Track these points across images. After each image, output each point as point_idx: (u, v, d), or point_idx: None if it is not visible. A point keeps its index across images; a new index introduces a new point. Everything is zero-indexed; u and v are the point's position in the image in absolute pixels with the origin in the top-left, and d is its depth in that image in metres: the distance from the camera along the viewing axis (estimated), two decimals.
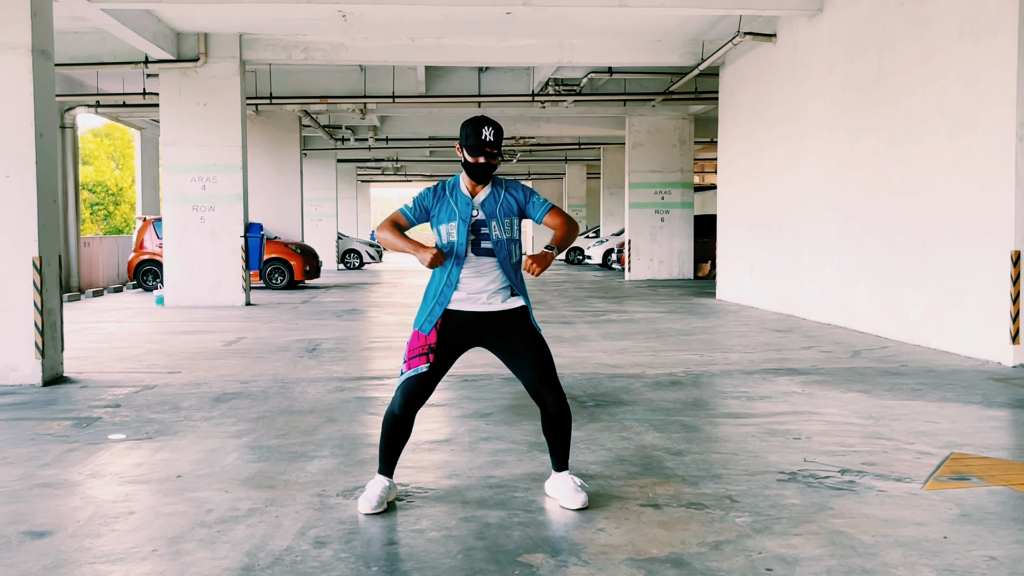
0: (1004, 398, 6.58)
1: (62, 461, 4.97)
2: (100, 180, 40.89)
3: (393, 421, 4.05)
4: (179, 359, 8.90)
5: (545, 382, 4.03)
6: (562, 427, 4.11)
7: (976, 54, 8.38)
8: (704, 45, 15.46)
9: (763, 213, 14.03)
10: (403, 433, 4.07)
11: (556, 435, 4.13)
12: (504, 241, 4.00)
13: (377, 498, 4.00)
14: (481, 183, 4.04)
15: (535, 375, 4.02)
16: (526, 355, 4.02)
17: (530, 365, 4.01)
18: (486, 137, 3.91)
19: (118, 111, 20.11)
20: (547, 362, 4.05)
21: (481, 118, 3.99)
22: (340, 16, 13.26)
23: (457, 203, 4.01)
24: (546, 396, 4.04)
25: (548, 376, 4.04)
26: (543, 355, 4.05)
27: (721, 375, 7.72)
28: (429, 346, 3.95)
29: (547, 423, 4.12)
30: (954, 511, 3.96)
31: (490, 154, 3.93)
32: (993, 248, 8.14)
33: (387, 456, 4.10)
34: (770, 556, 3.44)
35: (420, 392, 4.00)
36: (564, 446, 4.15)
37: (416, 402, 4.02)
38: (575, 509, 4.00)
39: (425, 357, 3.95)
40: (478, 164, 3.96)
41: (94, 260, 20.45)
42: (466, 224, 3.97)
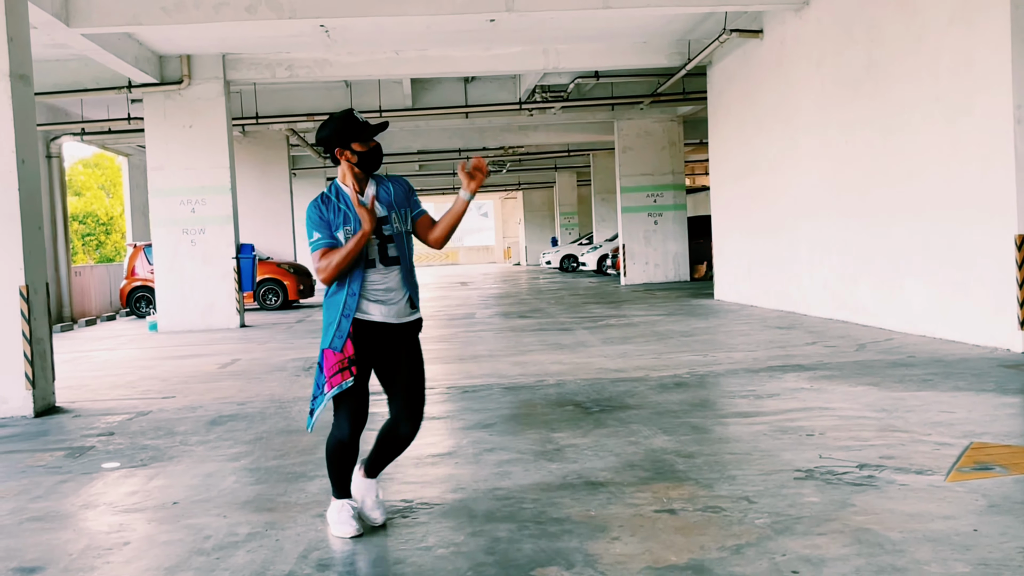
0: (1017, 385, 6.45)
1: (54, 493, 4.80)
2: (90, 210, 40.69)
3: (341, 448, 3.80)
4: (174, 384, 8.73)
5: (417, 398, 3.86)
6: (401, 449, 3.96)
7: (969, 38, 8.28)
8: (691, 45, 15.38)
9: (759, 211, 13.92)
10: (354, 457, 3.85)
11: (393, 453, 3.96)
12: (404, 234, 3.82)
13: (355, 520, 3.81)
14: (370, 174, 3.85)
15: (411, 391, 3.85)
16: (410, 368, 3.84)
17: (410, 379, 3.84)
18: (363, 120, 3.76)
19: (104, 138, 19.96)
20: (419, 388, 3.88)
21: (341, 112, 3.80)
22: (323, 32, 13.15)
23: (350, 207, 3.76)
24: (406, 419, 3.86)
25: (419, 400, 3.87)
26: (422, 377, 3.89)
27: (726, 374, 7.58)
28: (348, 359, 3.69)
29: (392, 440, 3.90)
30: (981, 502, 3.81)
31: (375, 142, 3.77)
32: (996, 233, 8.02)
33: (342, 480, 3.87)
34: (794, 558, 3.29)
35: (361, 410, 3.78)
36: (391, 460, 4.01)
37: (362, 422, 3.81)
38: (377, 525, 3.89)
39: (348, 371, 3.69)
40: (369, 151, 3.76)
41: (86, 289, 20.26)
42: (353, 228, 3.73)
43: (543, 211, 45.18)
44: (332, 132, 3.75)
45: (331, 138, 3.76)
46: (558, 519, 3.91)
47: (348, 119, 3.76)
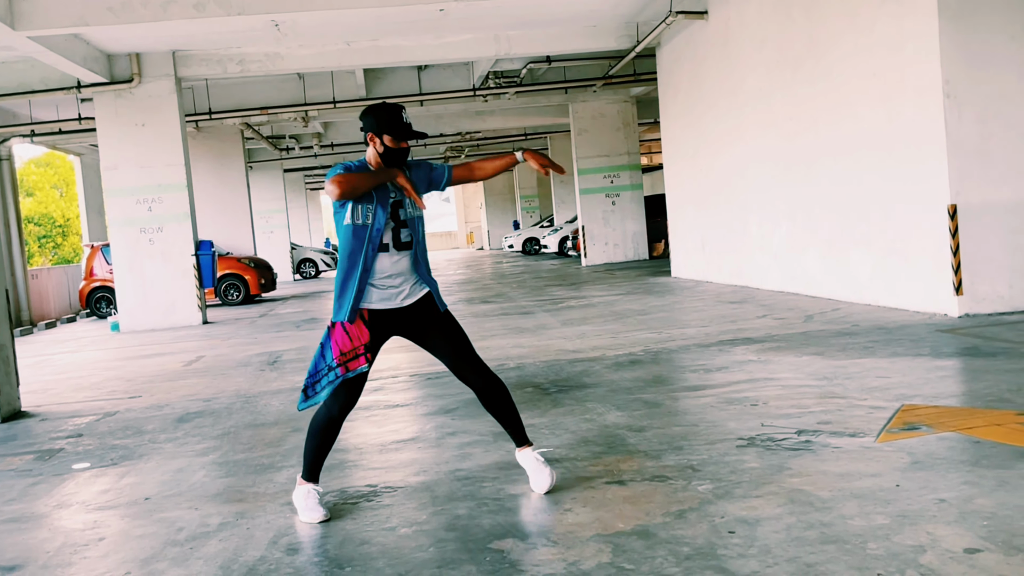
0: (951, 348, 6.79)
1: (27, 495, 4.93)
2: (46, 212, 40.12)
3: (329, 424, 3.97)
4: (139, 383, 8.82)
5: (466, 359, 4.06)
6: (498, 400, 4.10)
7: (900, 15, 8.59)
8: (639, 27, 15.61)
9: (710, 188, 14.23)
10: (335, 435, 4.05)
11: (496, 410, 4.13)
12: (417, 219, 4.03)
13: (321, 505, 4.01)
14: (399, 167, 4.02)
15: (456, 355, 4.06)
16: (445, 337, 4.06)
17: (451, 346, 4.06)
18: (407, 121, 3.95)
19: (55, 138, 19.77)
20: (465, 339, 4.10)
21: (392, 104, 3.99)
22: (273, 26, 13.17)
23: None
24: (470, 374, 4.08)
25: (469, 353, 4.08)
26: (461, 332, 4.10)
27: (679, 350, 7.85)
28: (365, 345, 3.90)
29: (482, 400, 4.14)
30: (906, 460, 4.10)
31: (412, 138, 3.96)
32: (931, 204, 8.36)
33: (317, 461, 4.04)
34: (732, 519, 3.54)
35: (357, 392, 3.98)
36: (512, 418, 4.13)
37: (354, 402, 4.00)
38: (542, 493, 4.07)
39: (364, 357, 3.90)
40: (402, 149, 3.94)
41: (44, 292, 20.09)
42: (386, 208, 3.90)
43: (504, 195, 45.34)
44: (375, 118, 3.91)
45: (372, 123, 3.91)
46: (515, 495, 4.13)
47: (393, 114, 3.91)
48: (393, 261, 3.94)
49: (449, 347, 4.06)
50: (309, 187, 43.08)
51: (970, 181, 8.07)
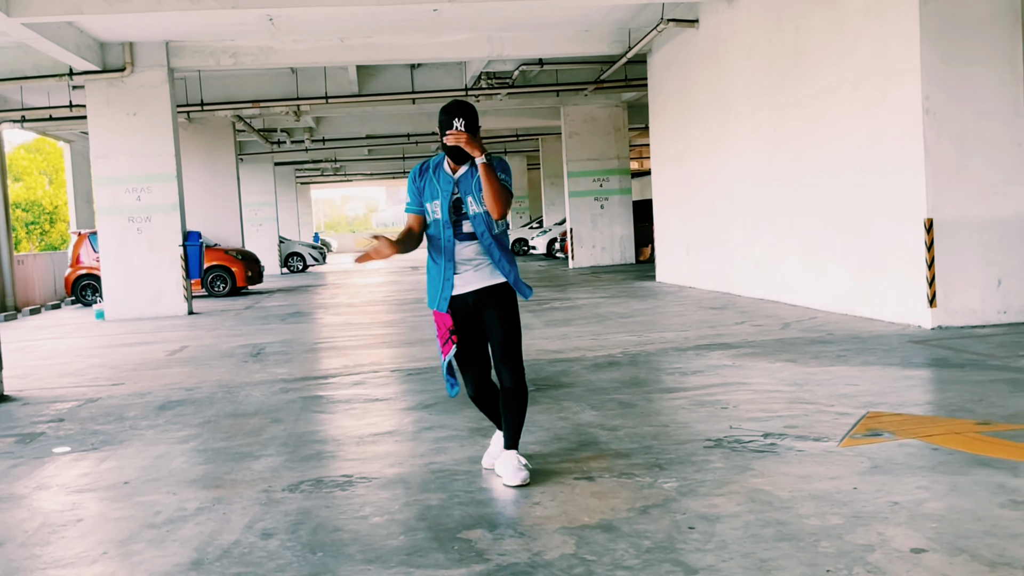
0: (921, 358, 6.95)
1: (6, 476, 5.01)
2: (34, 199, 39.93)
3: (476, 402, 4.46)
4: (122, 371, 8.89)
5: (507, 356, 4.26)
6: (515, 404, 4.31)
7: (883, 30, 8.75)
8: (631, 33, 15.75)
9: (696, 195, 14.38)
10: (491, 400, 4.41)
11: (508, 411, 4.31)
12: (482, 215, 4.21)
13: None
14: (459, 162, 4.25)
15: (500, 348, 4.27)
16: (495, 330, 4.27)
17: (496, 340, 4.27)
18: (457, 126, 4.12)
19: (45, 124, 19.76)
20: (511, 340, 4.28)
21: (452, 105, 4.21)
22: (268, 20, 13.24)
23: (440, 181, 4.25)
24: (504, 370, 4.27)
25: (509, 353, 4.26)
26: (513, 331, 4.28)
27: (657, 353, 7.98)
28: (450, 330, 4.27)
29: (502, 398, 4.34)
30: (865, 464, 4.23)
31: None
32: (908, 217, 8.52)
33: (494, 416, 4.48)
34: (693, 516, 3.67)
35: (473, 368, 4.32)
36: (515, 424, 4.33)
37: (479, 377, 4.34)
38: (513, 486, 4.19)
39: (450, 341, 4.29)
40: (448, 146, 4.18)
41: (29, 278, 20.07)
42: (447, 201, 4.21)
43: None
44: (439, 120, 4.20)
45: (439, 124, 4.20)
46: (486, 488, 4.24)
47: (443, 116, 4.16)
48: (463, 247, 4.23)
49: (497, 339, 4.27)
50: (300, 181, 43.06)
51: (946, 196, 8.24)
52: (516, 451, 4.36)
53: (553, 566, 3.23)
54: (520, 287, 4.34)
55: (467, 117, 4.14)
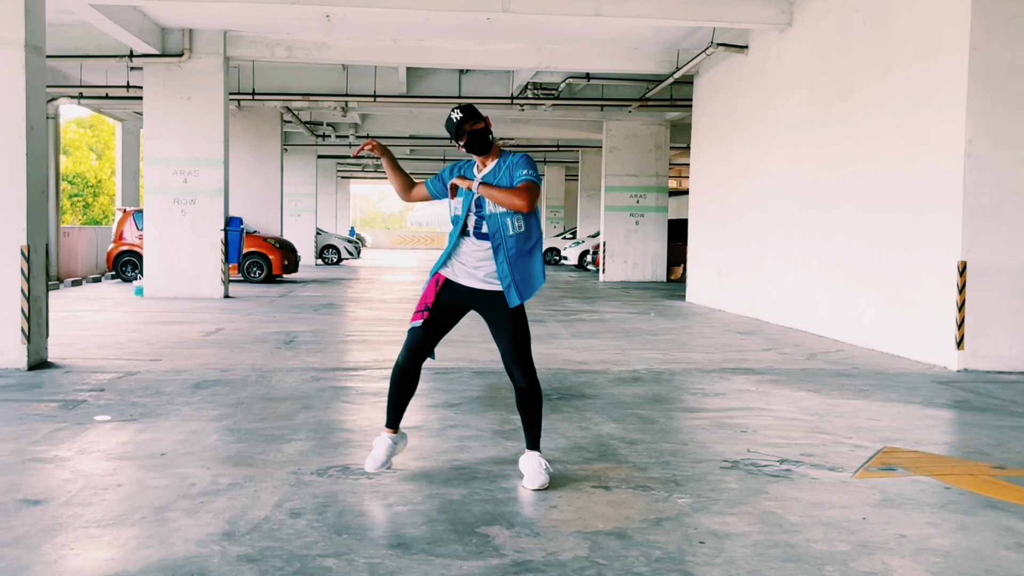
0: (944, 399, 7.01)
1: (51, 439, 5.25)
2: (79, 172, 40.75)
3: (399, 372, 4.50)
4: (160, 348, 9.16)
5: (517, 358, 4.42)
6: (530, 403, 4.47)
7: (931, 73, 8.81)
8: (679, 54, 15.88)
9: (732, 219, 14.46)
10: (408, 385, 4.52)
11: (524, 410, 4.49)
12: (498, 215, 4.35)
13: (383, 457, 4.51)
14: (483, 155, 4.45)
15: (509, 350, 4.43)
16: (506, 331, 4.43)
17: (508, 341, 4.43)
18: (455, 118, 4.39)
19: (100, 103, 20.26)
20: (522, 340, 4.44)
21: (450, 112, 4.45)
22: (324, 18, 13.55)
23: (465, 176, 4.46)
24: (515, 371, 4.44)
25: (521, 353, 4.43)
26: (520, 333, 4.43)
27: (681, 373, 8.09)
28: (427, 305, 4.43)
29: (517, 397, 4.51)
30: (877, 496, 4.34)
31: (470, 130, 4.37)
32: (942, 258, 8.57)
33: (393, 409, 4.55)
34: (705, 531, 3.80)
35: (420, 347, 4.46)
36: (533, 424, 4.49)
37: (418, 355, 4.47)
38: (532, 489, 4.35)
39: (422, 314, 4.44)
40: (468, 143, 4.41)
41: (73, 250, 20.57)
42: (469, 199, 4.41)
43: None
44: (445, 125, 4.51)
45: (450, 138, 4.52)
46: (506, 488, 4.40)
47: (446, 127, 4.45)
48: (474, 246, 4.40)
49: (508, 340, 4.43)
50: (340, 175, 43.56)
51: (982, 240, 8.28)
52: (539, 452, 4.52)
53: (566, 566, 3.38)
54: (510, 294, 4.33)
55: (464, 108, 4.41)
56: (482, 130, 4.40)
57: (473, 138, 4.39)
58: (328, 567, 3.35)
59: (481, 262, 4.40)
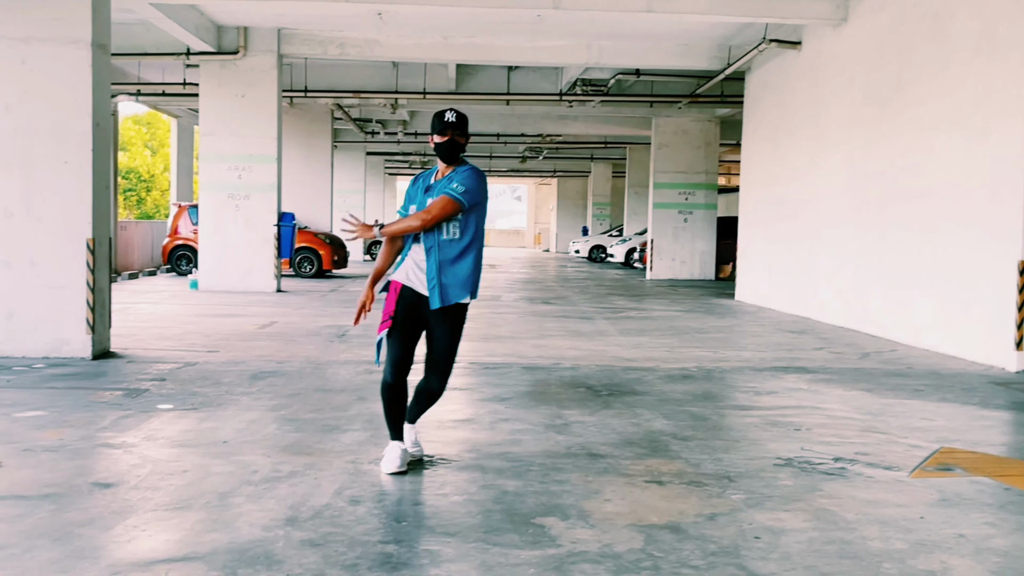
0: (1002, 400, 6.89)
1: (118, 426, 5.42)
2: (132, 167, 41.65)
3: (388, 390, 4.48)
4: (216, 339, 9.37)
5: (438, 365, 4.54)
6: (430, 401, 4.66)
7: (990, 69, 8.65)
8: (731, 50, 15.76)
9: (783, 217, 14.33)
10: (402, 400, 4.53)
11: (423, 403, 4.67)
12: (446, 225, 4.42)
13: (399, 459, 4.52)
14: (449, 163, 4.51)
15: (433, 354, 4.54)
16: (438, 336, 4.50)
17: (434, 348, 4.53)
18: (448, 119, 4.43)
19: (157, 99, 20.68)
20: (448, 352, 4.53)
21: (446, 108, 4.51)
22: (376, 15, 13.70)
23: (422, 184, 4.54)
24: (432, 377, 4.57)
25: (444, 360, 4.53)
26: (449, 340, 4.51)
27: (732, 371, 8.07)
28: (390, 315, 4.46)
29: (421, 392, 4.63)
30: (934, 496, 4.31)
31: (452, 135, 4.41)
32: (1000, 257, 8.42)
33: (394, 422, 4.56)
34: (759, 527, 3.81)
35: (401, 358, 4.45)
36: (420, 408, 4.70)
37: (401, 368, 4.47)
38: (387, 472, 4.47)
39: (386, 323, 4.47)
40: (442, 143, 4.44)
41: (130, 244, 21.06)
42: (421, 205, 4.46)
43: (576, 200, 45.56)
44: (431, 123, 4.52)
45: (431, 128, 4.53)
46: (559, 481, 4.45)
47: (435, 116, 4.49)
48: (419, 252, 4.47)
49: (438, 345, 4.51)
50: (388, 172, 43.91)
51: None
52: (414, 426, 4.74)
53: (622, 558, 3.42)
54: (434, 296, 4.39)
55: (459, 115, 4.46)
56: (460, 145, 4.48)
57: (450, 147, 4.45)
58: (389, 553, 3.43)
59: (420, 263, 4.47)
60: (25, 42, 7.72)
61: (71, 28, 7.71)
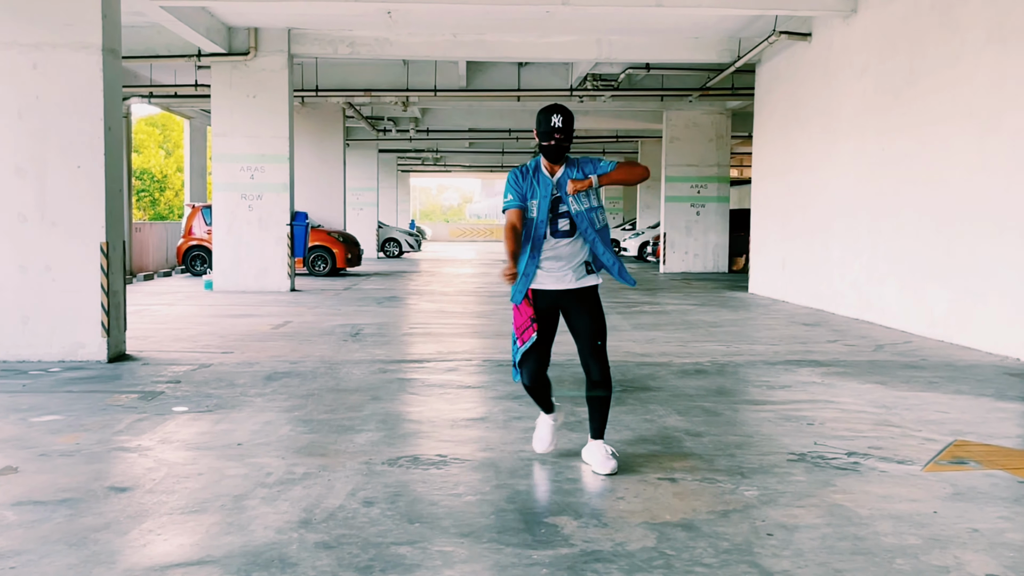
0: (1017, 392, 6.85)
1: (133, 429, 5.47)
2: (146, 167, 41.88)
3: (530, 392, 4.70)
4: (231, 340, 9.43)
5: (595, 353, 4.55)
6: (602, 396, 4.60)
7: (1004, 58, 8.59)
8: (741, 43, 15.68)
9: (795, 209, 14.26)
10: (544, 389, 4.69)
11: (595, 402, 4.63)
12: (583, 212, 4.50)
13: (550, 438, 4.73)
14: (556, 163, 4.56)
15: (587, 345, 4.55)
16: (584, 327, 4.56)
17: (586, 336, 4.55)
18: (555, 124, 4.46)
19: (169, 101, 20.79)
20: (600, 337, 4.57)
21: (551, 107, 4.51)
22: (386, 13, 13.72)
23: (539, 183, 4.56)
24: (592, 365, 4.56)
25: (599, 349, 4.56)
26: (598, 330, 4.57)
27: (745, 365, 8.05)
28: (531, 318, 4.51)
29: (589, 390, 4.62)
30: (948, 490, 4.29)
31: (559, 139, 4.46)
32: (1015, 247, 8.36)
33: (543, 404, 4.76)
34: (772, 524, 3.81)
35: (541, 357, 4.55)
36: (602, 415, 4.65)
37: (542, 367, 4.58)
38: (604, 474, 4.47)
39: (531, 328, 4.52)
40: (549, 146, 4.49)
41: (144, 245, 21.20)
42: (547, 200, 4.51)
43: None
44: (536, 119, 4.54)
45: (536, 123, 4.55)
46: (573, 479, 4.46)
47: (541, 117, 4.50)
48: (552, 250, 4.51)
49: (586, 336, 4.55)
50: (401, 169, 43.98)
51: None
52: (603, 441, 4.63)
53: (635, 556, 3.43)
54: (625, 276, 4.61)
55: (566, 116, 4.46)
56: (567, 146, 4.53)
57: (558, 148, 4.49)
58: (402, 555, 3.45)
59: (565, 260, 4.51)
60: (36, 48, 7.78)
61: (82, 33, 7.76)
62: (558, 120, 4.44)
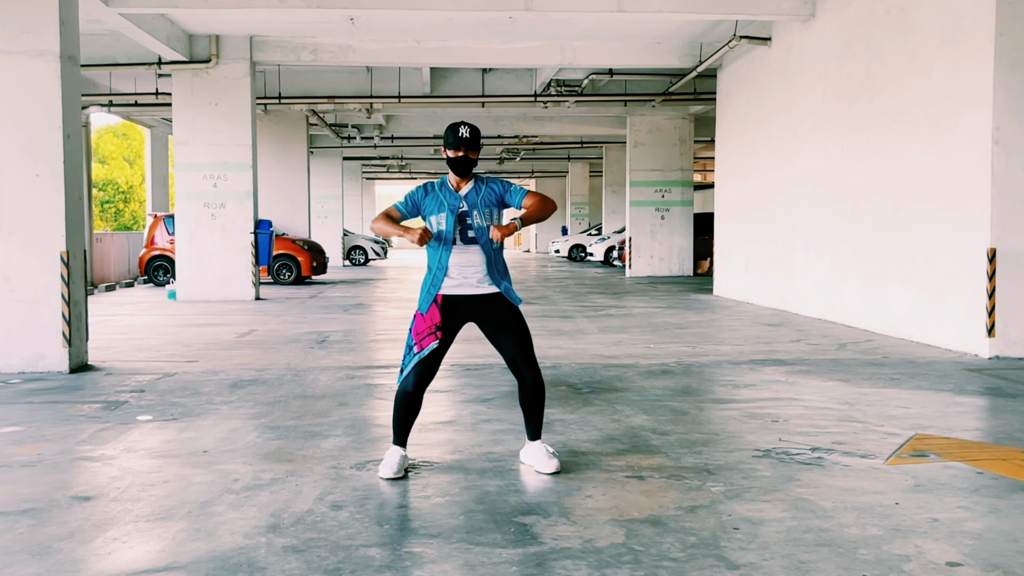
0: (975, 386, 7.00)
1: (97, 438, 5.40)
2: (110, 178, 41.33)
3: (407, 399, 4.53)
4: (195, 349, 9.34)
5: (524, 358, 4.57)
6: (537, 399, 4.64)
7: (956, 60, 8.78)
8: (702, 47, 15.86)
9: (758, 211, 14.44)
10: (415, 408, 4.57)
11: (532, 406, 4.65)
12: (485, 228, 4.51)
13: (397, 465, 4.52)
14: (463, 177, 4.56)
15: (516, 351, 4.56)
16: (509, 334, 4.56)
17: (512, 342, 4.56)
18: (462, 135, 4.48)
19: (130, 110, 20.56)
20: (526, 340, 4.60)
21: (459, 122, 4.57)
22: (349, 20, 13.69)
23: (445, 197, 4.55)
24: (524, 370, 4.58)
25: (526, 353, 4.58)
26: (523, 334, 4.59)
27: (711, 365, 8.13)
28: (436, 325, 4.46)
29: (523, 395, 4.65)
30: (909, 482, 4.37)
31: (465, 152, 4.48)
32: (971, 246, 8.54)
33: (402, 430, 4.58)
34: (738, 518, 3.86)
35: (430, 369, 4.50)
36: (538, 417, 4.68)
37: (427, 379, 4.52)
38: (549, 473, 4.52)
39: (434, 336, 4.45)
40: (457, 158, 4.49)
41: (106, 255, 20.91)
42: (453, 214, 4.49)
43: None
44: (444, 133, 4.56)
45: (443, 138, 4.55)
46: (541, 479, 4.48)
47: (449, 130, 4.52)
48: (460, 255, 4.48)
49: (513, 342, 4.56)
50: (366, 176, 43.84)
51: (1011, 227, 8.24)
52: (541, 441, 4.71)
53: (603, 552, 3.46)
54: (511, 295, 4.58)
55: (472, 130, 4.50)
56: (474, 160, 4.55)
57: (464, 162, 4.51)
58: (371, 556, 3.45)
59: (469, 268, 4.50)
60: None
61: (39, 40, 7.67)
62: (465, 131, 4.47)
